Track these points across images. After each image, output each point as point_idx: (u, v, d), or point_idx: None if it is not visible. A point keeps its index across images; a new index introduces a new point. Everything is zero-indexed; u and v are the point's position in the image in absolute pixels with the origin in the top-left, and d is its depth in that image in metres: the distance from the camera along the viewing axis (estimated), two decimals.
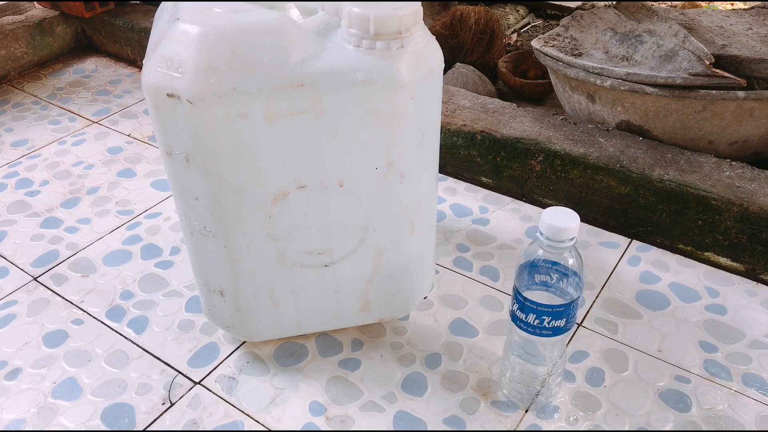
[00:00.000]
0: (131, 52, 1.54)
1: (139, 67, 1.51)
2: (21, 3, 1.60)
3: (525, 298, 0.62)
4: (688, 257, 0.92)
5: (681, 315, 0.83)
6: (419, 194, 0.70)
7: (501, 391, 0.73)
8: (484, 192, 1.07)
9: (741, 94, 0.91)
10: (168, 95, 0.57)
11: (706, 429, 0.69)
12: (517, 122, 1.05)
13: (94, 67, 1.54)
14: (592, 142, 0.99)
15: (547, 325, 0.63)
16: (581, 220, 0.96)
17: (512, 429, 0.69)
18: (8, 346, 0.81)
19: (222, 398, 0.73)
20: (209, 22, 0.56)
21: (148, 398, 0.74)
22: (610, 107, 1.03)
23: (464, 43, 1.32)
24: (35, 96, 1.41)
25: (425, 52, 0.61)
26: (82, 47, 1.62)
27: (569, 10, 1.55)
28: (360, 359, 0.78)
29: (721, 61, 0.96)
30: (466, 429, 0.69)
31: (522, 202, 1.04)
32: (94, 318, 0.84)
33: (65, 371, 0.77)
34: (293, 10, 0.65)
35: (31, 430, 0.71)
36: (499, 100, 1.11)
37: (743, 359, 0.77)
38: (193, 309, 0.85)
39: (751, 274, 0.89)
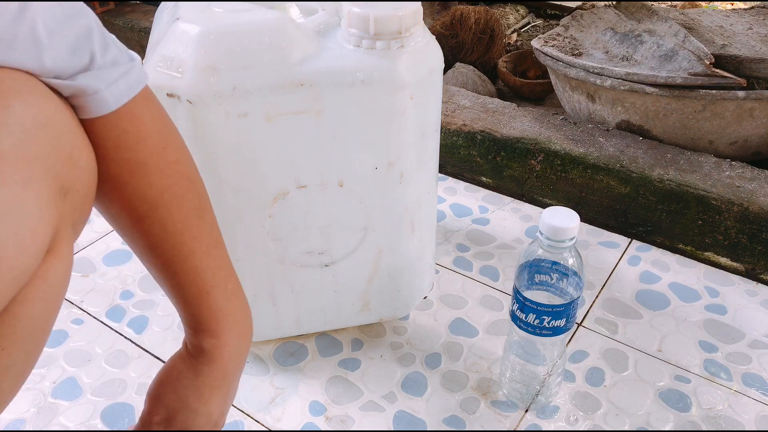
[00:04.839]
0: None
1: None
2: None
3: (525, 298, 0.62)
4: (688, 257, 0.92)
5: (681, 315, 0.83)
6: (419, 194, 0.70)
7: (501, 390, 0.73)
8: (484, 192, 1.07)
9: (741, 94, 0.91)
10: (168, 95, 0.57)
11: (706, 429, 0.69)
12: (517, 122, 1.05)
13: None
14: (592, 141, 0.99)
15: (547, 325, 0.63)
16: (581, 220, 0.96)
17: (512, 429, 0.69)
18: None
19: None
20: (209, 22, 0.57)
21: None
22: (610, 107, 1.03)
23: (464, 43, 1.32)
24: None
25: (425, 51, 0.61)
26: None
27: (569, 10, 1.55)
28: (360, 359, 0.78)
29: (721, 61, 0.96)
30: (466, 429, 0.69)
31: (522, 202, 1.04)
32: (94, 318, 0.84)
33: (65, 371, 0.77)
34: (293, 10, 0.65)
35: (31, 430, 0.71)
36: (499, 100, 1.11)
37: (743, 359, 0.77)
38: None
39: (751, 274, 0.89)
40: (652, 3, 1.16)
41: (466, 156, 1.07)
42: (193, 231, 0.42)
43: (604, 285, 0.88)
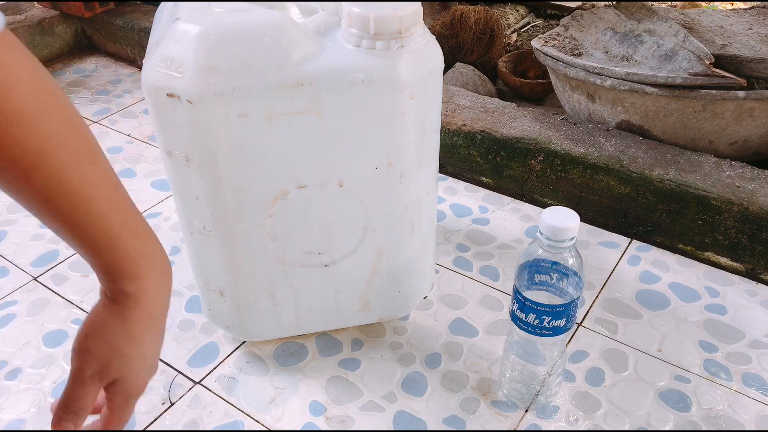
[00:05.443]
0: (131, 51, 1.54)
1: (139, 67, 1.51)
2: (21, 3, 1.60)
3: (525, 298, 0.62)
4: (688, 257, 0.92)
5: (681, 315, 0.83)
6: (419, 194, 0.70)
7: (501, 390, 0.73)
8: (484, 192, 1.07)
9: (741, 94, 0.91)
10: (168, 95, 0.57)
11: (706, 429, 0.69)
12: (517, 122, 1.05)
13: (94, 66, 1.54)
14: (592, 141, 0.99)
15: (547, 325, 0.63)
16: (581, 220, 0.96)
17: (512, 429, 0.69)
18: (8, 346, 0.81)
19: (222, 398, 0.73)
20: (209, 22, 0.57)
21: (148, 398, 0.74)
22: (610, 107, 1.03)
23: (464, 43, 1.32)
24: None
25: (425, 51, 0.61)
26: (82, 47, 1.62)
27: (569, 10, 1.55)
28: (360, 359, 0.78)
29: (721, 60, 0.96)
30: (466, 429, 0.69)
31: (522, 202, 1.04)
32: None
33: (65, 371, 0.77)
34: (293, 10, 0.65)
35: (31, 430, 0.71)
36: (499, 100, 1.11)
37: (743, 359, 0.77)
38: (193, 309, 0.85)
39: (751, 274, 0.89)
40: (652, 3, 1.16)
41: (466, 156, 1.07)
42: (89, 176, 0.39)
43: (604, 285, 0.88)
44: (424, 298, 0.86)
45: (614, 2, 1.18)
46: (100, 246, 0.41)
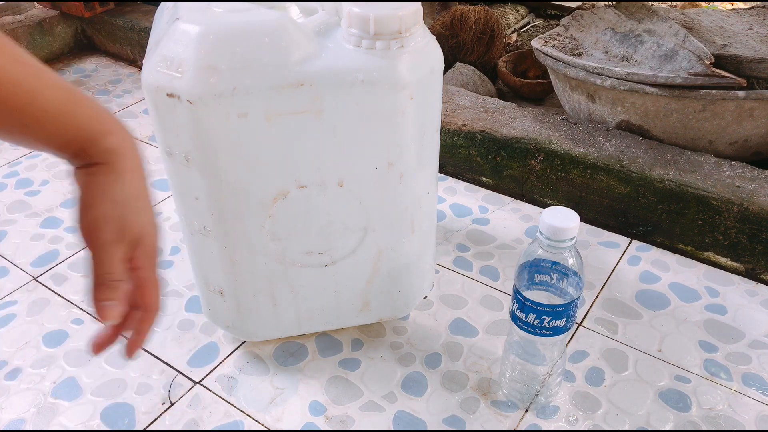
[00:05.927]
0: (131, 51, 1.54)
1: (139, 67, 1.51)
2: (21, 3, 1.60)
3: (525, 298, 0.62)
4: (688, 257, 0.92)
5: (681, 315, 0.83)
6: (419, 194, 0.70)
7: (501, 390, 0.73)
8: (484, 192, 1.07)
9: (741, 94, 0.91)
10: (168, 95, 0.57)
11: (706, 429, 0.69)
12: (517, 122, 1.05)
13: (94, 66, 1.54)
14: (592, 141, 0.99)
15: (547, 325, 0.63)
16: (581, 220, 0.96)
17: (512, 429, 0.69)
18: (8, 346, 0.81)
19: (222, 398, 0.73)
20: (209, 22, 0.57)
21: (148, 398, 0.74)
22: (610, 107, 1.03)
23: (464, 43, 1.32)
24: None
25: (425, 51, 0.61)
26: (82, 47, 1.62)
27: (569, 10, 1.55)
28: (360, 359, 0.78)
29: (721, 60, 0.96)
30: (466, 429, 0.69)
31: (522, 202, 1.04)
32: (95, 318, 0.84)
33: (65, 371, 0.77)
34: (293, 10, 0.65)
35: (31, 430, 0.71)
36: (499, 100, 1.11)
37: (743, 359, 0.77)
38: (193, 309, 0.85)
39: (751, 274, 0.89)
40: (652, 3, 1.16)
41: (466, 156, 1.07)
42: (24, 71, 0.39)
43: (604, 285, 0.88)
44: (424, 298, 0.86)
45: (614, 2, 1.18)
46: (62, 119, 0.41)
